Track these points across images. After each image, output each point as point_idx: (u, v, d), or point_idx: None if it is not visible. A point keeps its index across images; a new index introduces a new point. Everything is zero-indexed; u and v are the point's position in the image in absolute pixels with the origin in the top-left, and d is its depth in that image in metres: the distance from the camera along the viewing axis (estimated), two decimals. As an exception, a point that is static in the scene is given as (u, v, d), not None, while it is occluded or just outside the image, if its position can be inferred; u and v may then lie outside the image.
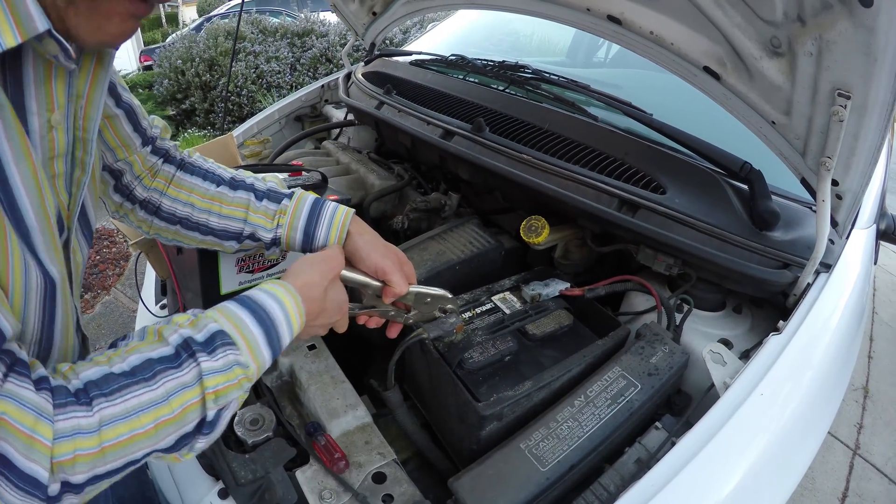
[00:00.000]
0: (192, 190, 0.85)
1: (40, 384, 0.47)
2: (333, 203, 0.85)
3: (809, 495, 2.13)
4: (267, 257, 0.88)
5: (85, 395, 0.48)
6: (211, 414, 0.53)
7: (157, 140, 0.86)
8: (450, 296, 0.87)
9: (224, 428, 0.57)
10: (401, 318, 0.84)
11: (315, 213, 0.84)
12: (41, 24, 0.47)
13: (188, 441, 0.54)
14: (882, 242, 1.53)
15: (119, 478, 0.51)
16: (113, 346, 0.56)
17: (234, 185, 0.86)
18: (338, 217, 0.83)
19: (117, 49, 0.63)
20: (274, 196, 0.86)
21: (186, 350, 0.53)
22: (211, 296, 1.10)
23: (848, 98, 0.78)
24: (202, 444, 0.55)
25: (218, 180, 0.86)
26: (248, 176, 0.89)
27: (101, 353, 0.54)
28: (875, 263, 1.39)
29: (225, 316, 0.58)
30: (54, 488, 0.45)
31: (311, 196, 0.86)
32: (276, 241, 0.85)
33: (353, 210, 0.85)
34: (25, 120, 0.53)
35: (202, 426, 0.54)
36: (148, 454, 0.51)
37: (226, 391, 0.54)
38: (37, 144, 0.55)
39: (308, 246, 0.83)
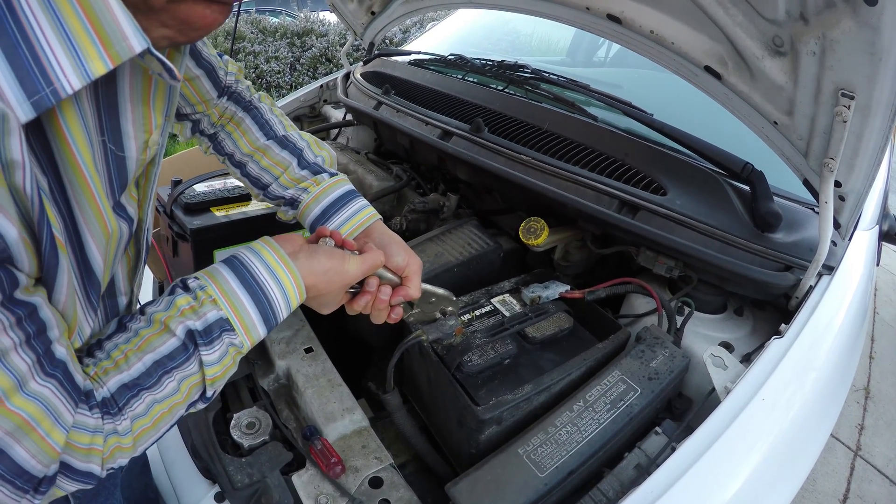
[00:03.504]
0: (245, 134, 0.88)
1: (90, 403, 0.50)
2: (366, 202, 0.85)
3: (811, 497, 2.12)
4: (278, 215, 0.90)
5: (114, 405, 0.52)
6: (209, 392, 0.59)
7: (232, 87, 0.89)
8: (454, 298, 0.87)
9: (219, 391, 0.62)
10: (405, 313, 0.83)
11: (344, 200, 0.83)
12: (137, 43, 0.41)
13: (192, 407, 0.60)
14: (884, 243, 1.52)
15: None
16: (122, 328, 0.57)
17: (284, 143, 0.87)
18: (361, 214, 0.83)
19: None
20: (315, 168, 0.86)
21: (192, 342, 0.55)
22: (207, 298, 1.09)
23: (852, 98, 0.77)
24: (202, 405, 0.61)
25: (271, 134, 0.88)
26: (302, 140, 0.88)
27: (115, 345, 0.55)
28: (878, 265, 1.38)
29: (224, 295, 0.58)
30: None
31: (350, 186, 0.86)
32: (293, 202, 0.85)
33: (380, 217, 0.85)
34: (122, 145, 0.52)
35: (203, 397, 0.59)
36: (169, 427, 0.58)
37: (222, 376, 0.58)
38: (132, 169, 0.54)
39: (319, 225, 0.83)
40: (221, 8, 0.47)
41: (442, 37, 2.38)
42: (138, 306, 0.60)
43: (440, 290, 0.85)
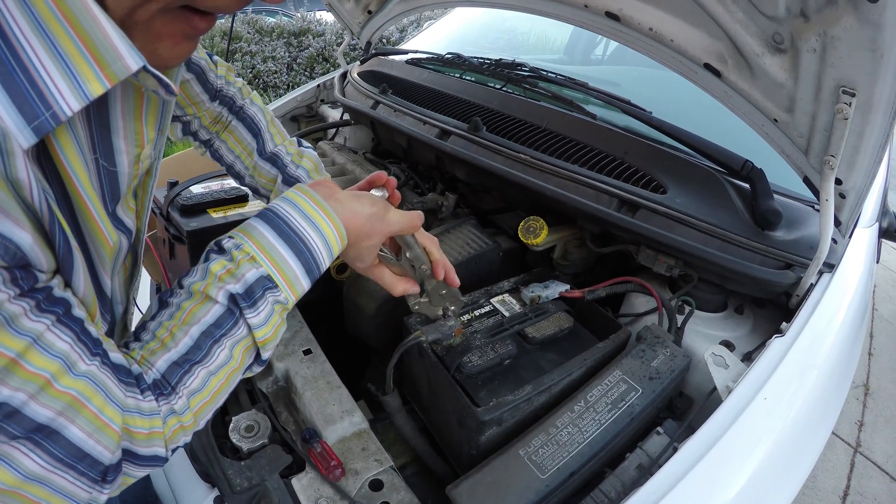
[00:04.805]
0: (240, 142, 0.92)
1: (141, 384, 0.50)
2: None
3: (811, 493, 2.12)
4: None
5: (167, 385, 0.51)
6: (264, 355, 0.58)
7: (223, 90, 0.89)
8: (461, 297, 0.87)
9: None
10: (412, 300, 0.82)
11: None
12: (133, 62, 0.41)
13: (248, 370, 0.59)
14: (884, 240, 1.52)
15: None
16: (163, 305, 0.56)
17: (274, 160, 0.91)
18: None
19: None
20: (294, 184, 0.91)
21: (236, 307, 0.54)
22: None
23: (853, 95, 0.77)
24: (258, 368, 0.60)
25: (261, 149, 0.91)
26: (286, 152, 0.92)
27: (159, 323, 0.54)
28: (877, 262, 1.38)
29: (262, 251, 0.56)
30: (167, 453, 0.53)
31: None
32: None
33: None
34: (114, 160, 0.52)
35: (258, 360, 0.59)
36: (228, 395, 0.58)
37: (273, 336, 0.57)
38: (124, 183, 0.54)
39: None
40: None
41: (439, 36, 2.37)
42: (139, 307, 0.61)
43: (452, 287, 0.85)
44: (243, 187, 0.95)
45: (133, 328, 0.56)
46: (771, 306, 1.10)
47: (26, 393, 0.40)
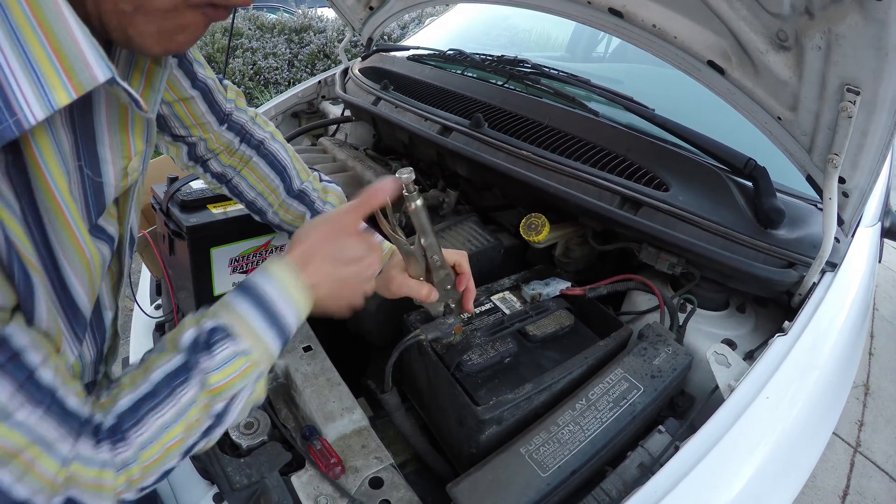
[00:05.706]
0: (264, 180, 0.89)
1: (95, 431, 0.48)
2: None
3: (811, 493, 2.12)
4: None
5: (118, 431, 0.49)
6: (219, 407, 0.54)
7: (232, 115, 0.86)
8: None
9: (237, 416, 0.57)
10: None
11: None
12: (101, 72, 0.40)
13: (207, 434, 0.56)
14: (885, 240, 1.51)
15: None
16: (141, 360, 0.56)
17: (301, 197, 0.90)
18: None
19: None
20: None
21: (194, 352, 0.53)
22: (204, 296, 1.08)
23: (857, 94, 0.76)
24: (218, 433, 0.57)
25: (288, 186, 0.89)
26: (313, 188, 0.91)
27: (126, 373, 0.54)
28: (879, 261, 1.37)
29: (223, 307, 0.56)
30: None
31: None
32: None
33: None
34: (100, 170, 0.51)
35: (219, 420, 0.55)
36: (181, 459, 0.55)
37: (228, 385, 0.54)
38: (110, 195, 0.53)
39: None
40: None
41: (440, 32, 2.37)
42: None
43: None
44: (265, 222, 0.93)
45: (128, 328, 0.56)
46: (773, 305, 1.10)
47: None
